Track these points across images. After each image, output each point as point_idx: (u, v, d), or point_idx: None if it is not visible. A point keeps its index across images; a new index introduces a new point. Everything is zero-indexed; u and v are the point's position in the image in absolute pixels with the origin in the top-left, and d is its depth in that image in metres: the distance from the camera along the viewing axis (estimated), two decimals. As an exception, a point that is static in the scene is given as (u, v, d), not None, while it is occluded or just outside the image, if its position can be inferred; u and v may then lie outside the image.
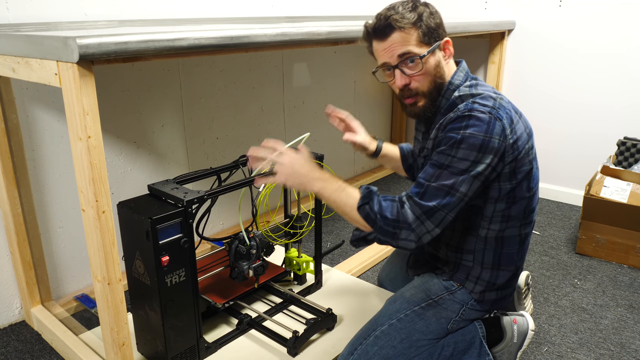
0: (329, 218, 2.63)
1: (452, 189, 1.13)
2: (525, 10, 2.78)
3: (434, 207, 1.14)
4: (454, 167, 1.13)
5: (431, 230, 1.16)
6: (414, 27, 1.19)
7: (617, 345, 1.63)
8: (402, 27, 1.18)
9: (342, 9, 2.82)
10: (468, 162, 1.13)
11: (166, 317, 1.32)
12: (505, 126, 1.14)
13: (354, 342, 1.35)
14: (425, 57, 1.20)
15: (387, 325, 1.33)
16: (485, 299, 1.36)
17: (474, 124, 1.12)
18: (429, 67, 1.22)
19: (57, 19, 1.66)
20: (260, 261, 1.57)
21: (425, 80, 1.23)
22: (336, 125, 1.58)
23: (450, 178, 1.13)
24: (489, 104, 1.16)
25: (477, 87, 1.24)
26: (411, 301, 1.37)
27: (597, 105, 2.64)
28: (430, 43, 1.21)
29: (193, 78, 2.10)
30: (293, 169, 1.22)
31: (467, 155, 1.13)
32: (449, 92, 1.25)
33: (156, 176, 2.05)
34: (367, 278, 2.04)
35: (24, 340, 1.66)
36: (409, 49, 1.20)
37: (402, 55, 1.21)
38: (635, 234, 2.09)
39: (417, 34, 1.19)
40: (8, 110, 1.53)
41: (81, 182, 1.12)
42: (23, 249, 1.63)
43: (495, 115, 1.14)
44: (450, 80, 1.25)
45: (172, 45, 1.15)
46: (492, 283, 1.34)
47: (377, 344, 1.31)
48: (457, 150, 1.13)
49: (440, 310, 1.35)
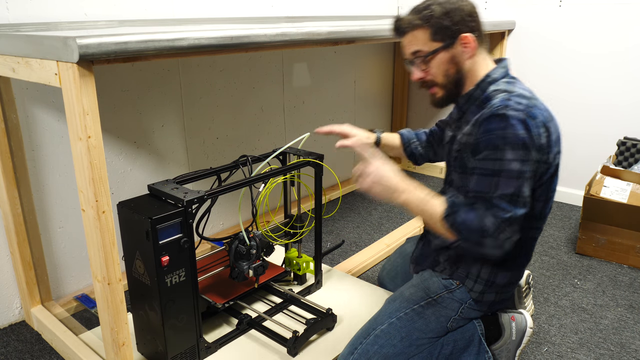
0: (329, 218, 2.63)
1: (518, 196, 1.15)
2: (525, 10, 2.78)
3: (510, 218, 1.14)
4: (508, 171, 1.14)
5: (511, 237, 1.16)
6: (423, 27, 1.26)
7: (617, 345, 1.63)
8: (412, 27, 1.27)
9: (342, 9, 2.82)
10: (518, 162, 1.14)
11: (166, 317, 1.32)
12: (539, 125, 1.17)
13: (353, 341, 1.35)
14: (434, 53, 1.26)
15: (387, 324, 1.34)
16: (484, 300, 1.36)
17: (512, 124, 1.14)
18: (440, 62, 1.27)
19: (57, 19, 1.66)
20: (260, 261, 1.57)
21: (438, 74, 1.29)
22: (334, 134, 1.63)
23: (509, 183, 1.14)
24: (524, 102, 1.18)
25: (514, 84, 1.26)
26: (410, 300, 1.38)
27: (597, 105, 2.64)
28: (443, 39, 1.26)
29: (193, 78, 2.10)
30: (379, 178, 1.24)
31: (516, 156, 1.14)
32: (485, 84, 1.28)
33: (156, 176, 2.05)
34: (367, 278, 2.04)
35: (24, 340, 1.66)
36: (418, 47, 1.28)
37: (413, 53, 1.29)
38: (635, 234, 2.09)
39: (428, 33, 1.26)
40: (8, 110, 1.53)
41: (81, 182, 1.12)
42: (23, 249, 1.63)
43: (529, 113, 1.16)
44: (488, 74, 1.29)
45: (172, 45, 1.15)
46: (491, 282, 1.34)
47: (377, 343, 1.31)
48: (503, 152, 1.14)
49: (440, 309, 1.35)
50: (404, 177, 1.26)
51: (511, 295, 1.41)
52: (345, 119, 3.01)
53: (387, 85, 3.31)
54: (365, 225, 2.56)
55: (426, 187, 1.27)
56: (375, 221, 2.60)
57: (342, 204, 2.83)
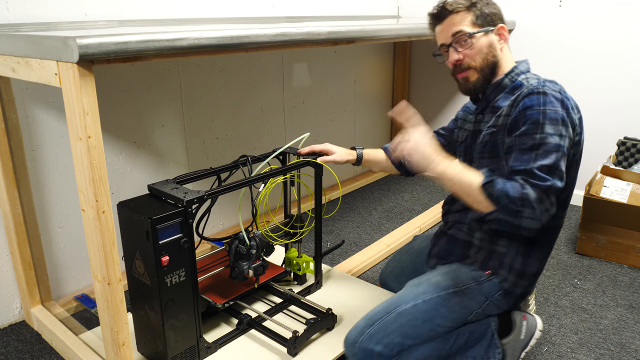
0: (329, 218, 2.63)
1: (556, 169, 1.16)
2: (525, 10, 2.78)
3: (550, 187, 1.15)
4: (548, 144, 1.17)
5: (549, 209, 1.17)
6: (468, 10, 1.33)
7: (617, 345, 1.63)
8: (456, 9, 1.33)
9: (342, 9, 2.82)
10: (557, 137, 1.18)
11: (166, 317, 1.32)
12: (573, 106, 1.24)
13: (372, 316, 1.35)
14: (477, 35, 1.32)
15: (411, 305, 1.35)
16: (514, 292, 1.39)
17: (551, 101, 1.19)
18: (480, 45, 1.32)
19: (57, 19, 1.66)
20: (260, 261, 1.57)
21: (478, 57, 1.33)
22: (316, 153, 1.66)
23: (548, 156, 1.16)
24: (557, 87, 1.25)
25: (539, 77, 1.33)
26: (438, 286, 1.39)
27: (597, 105, 2.64)
28: (483, 25, 1.33)
29: (193, 78, 2.10)
30: (418, 145, 1.24)
31: (555, 130, 1.18)
32: (514, 75, 1.35)
33: (156, 176, 2.05)
34: (367, 278, 2.04)
35: (24, 340, 1.66)
36: (462, 27, 1.32)
37: (455, 34, 1.33)
38: (635, 234, 2.09)
39: (471, 16, 1.32)
40: (8, 110, 1.53)
41: (81, 182, 1.12)
42: (23, 249, 1.63)
43: (564, 95, 1.23)
44: (516, 66, 1.36)
45: (172, 45, 1.15)
46: (522, 272, 1.37)
47: (398, 321, 1.32)
48: (543, 126, 1.18)
49: (466, 300, 1.37)
50: (442, 151, 1.26)
51: (532, 289, 1.44)
52: (345, 119, 3.01)
53: (387, 85, 3.31)
54: (365, 225, 2.56)
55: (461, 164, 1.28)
56: (375, 221, 2.60)
57: (342, 204, 2.83)
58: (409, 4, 3.17)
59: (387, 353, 1.29)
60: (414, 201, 2.89)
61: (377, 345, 1.29)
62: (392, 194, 3.00)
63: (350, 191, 3.04)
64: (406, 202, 2.87)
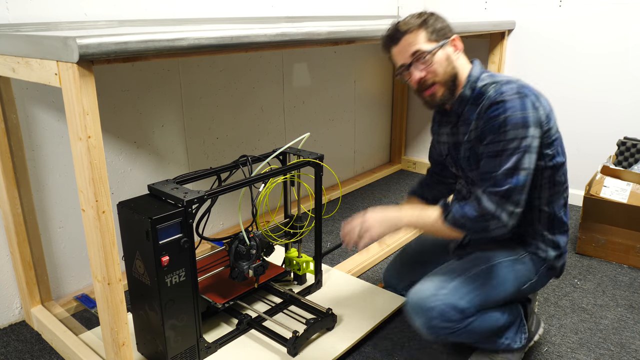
0: (329, 218, 2.63)
1: (517, 169, 1.24)
2: (525, 10, 2.78)
3: (508, 189, 1.24)
4: (508, 149, 1.25)
5: (514, 211, 1.25)
6: (421, 28, 1.35)
7: (617, 345, 1.63)
8: (409, 29, 1.35)
9: (342, 9, 2.82)
10: (517, 140, 1.24)
11: (166, 317, 1.32)
12: (533, 100, 1.28)
13: (448, 272, 1.38)
14: (434, 51, 1.34)
15: (486, 266, 1.40)
16: (557, 265, 1.45)
17: (510, 106, 1.25)
18: (440, 59, 1.35)
19: (57, 19, 1.66)
20: (260, 261, 1.57)
21: (439, 71, 1.36)
22: None
23: (509, 160, 1.24)
24: (514, 86, 1.29)
25: (495, 76, 1.37)
26: (500, 254, 1.43)
27: (597, 105, 2.64)
28: (438, 40, 1.35)
29: (193, 78, 2.10)
30: (378, 219, 1.37)
31: (515, 135, 1.24)
32: (471, 83, 1.38)
33: (156, 176, 2.05)
34: (367, 278, 2.04)
35: (24, 340, 1.66)
36: (419, 46, 1.34)
37: (414, 53, 1.35)
38: (635, 234, 2.09)
39: (425, 33, 1.35)
40: (8, 110, 1.53)
41: (81, 182, 1.12)
42: (23, 249, 1.63)
43: (522, 93, 1.27)
44: (470, 73, 1.39)
45: (172, 45, 1.15)
46: (558, 246, 1.44)
47: (478, 280, 1.36)
48: (504, 134, 1.25)
49: (524, 268, 1.42)
50: (393, 207, 1.39)
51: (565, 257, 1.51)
52: (345, 119, 3.01)
53: (387, 85, 3.31)
54: (365, 225, 2.55)
55: (417, 205, 1.37)
56: (375, 221, 2.60)
57: (342, 204, 2.83)
58: (409, 4, 3.17)
59: (469, 311, 1.33)
60: (414, 201, 2.88)
61: (461, 300, 1.32)
62: (392, 194, 3.00)
63: (350, 191, 3.04)
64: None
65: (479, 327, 1.35)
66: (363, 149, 3.23)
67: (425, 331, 1.34)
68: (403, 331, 1.68)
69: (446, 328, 1.31)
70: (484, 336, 1.39)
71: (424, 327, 1.33)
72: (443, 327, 1.31)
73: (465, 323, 1.32)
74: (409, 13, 1.43)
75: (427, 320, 1.32)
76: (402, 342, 1.63)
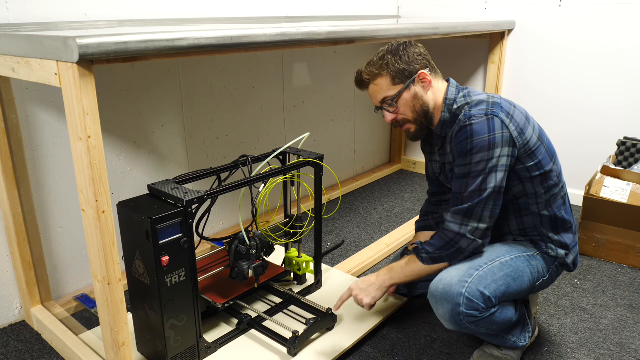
0: (329, 218, 2.63)
1: (481, 190, 1.31)
2: (525, 10, 2.78)
3: (470, 206, 1.32)
4: (474, 172, 1.31)
5: (477, 227, 1.33)
6: (383, 74, 1.41)
7: (617, 345, 1.63)
8: (372, 78, 1.43)
9: (342, 9, 2.82)
10: (484, 162, 1.30)
11: (166, 317, 1.32)
12: (503, 119, 1.31)
13: (474, 262, 1.37)
14: (399, 95, 1.41)
15: (509, 258, 1.41)
16: (568, 262, 1.47)
17: (477, 130, 1.30)
18: (406, 100, 1.42)
19: (57, 19, 1.66)
20: (260, 261, 1.57)
21: (408, 111, 1.43)
22: None
23: (475, 181, 1.31)
24: (483, 107, 1.33)
25: (470, 95, 1.41)
26: (517, 248, 1.45)
27: (597, 105, 2.64)
28: (403, 81, 1.41)
29: (193, 78, 2.10)
30: (364, 287, 1.48)
31: (481, 157, 1.30)
32: (448, 106, 1.43)
33: (156, 176, 2.05)
34: (367, 278, 2.04)
35: (24, 340, 1.66)
36: (384, 95, 1.43)
37: (381, 100, 1.44)
38: (635, 234, 2.09)
39: (388, 78, 1.41)
40: (8, 110, 1.53)
41: (81, 182, 1.12)
42: (23, 249, 1.63)
43: (491, 114, 1.31)
44: (446, 97, 1.43)
45: (172, 45, 1.15)
46: (565, 245, 1.46)
47: (503, 271, 1.37)
48: (471, 157, 1.31)
49: (539, 265, 1.44)
50: (375, 274, 1.50)
51: (577, 250, 1.53)
52: (345, 119, 3.01)
53: (387, 85, 3.31)
54: (365, 225, 2.56)
55: (395, 261, 1.50)
56: (375, 221, 2.61)
57: (342, 204, 2.83)
58: (409, 4, 3.17)
59: (493, 300, 1.33)
60: (414, 201, 2.89)
61: (486, 289, 1.32)
62: (392, 194, 3.00)
63: (350, 191, 3.04)
64: (406, 202, 2.87)
65: (499, 318, 1.36)
66: (363, 149, 3.23)
67: (450, 319, 1.34)
68: (403, 331, 1.68)
69: (471, 316, 1.31)
70: (500, 330, 1.40)
71: (449, 315, 1.33)
72: (468, 314, 1.31)
73: (489, 313, 1.33)
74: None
75: (454, 307, 1.31)
76: (402, 342, 1.63)
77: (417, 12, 3.14)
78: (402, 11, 3.20)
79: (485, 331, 1.37)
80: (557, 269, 1.49)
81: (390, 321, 1.73)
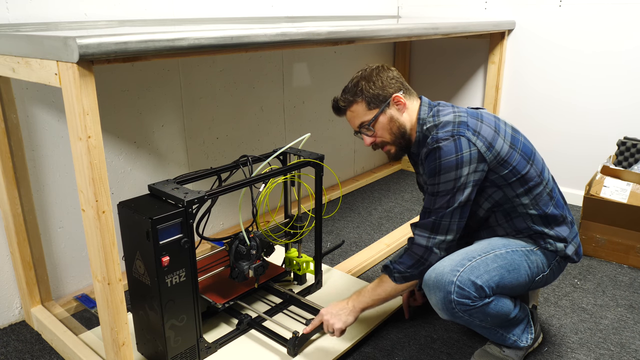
0: (329, 218, 2.63)
1: (449, 205, 1.35)
2: (525, 10, 2.78)
3: (434, 221, 1.37)
4: (443, 191, 1.35)
5: (444, 239, 1.37)
6: (357, 100, 1.46)
7: (617, 345, 1.63)
8: (347, 105, 1.48)
9: (342, 9, 2.82)
10: (452, 182, 1.34)
11: (166, 317, 1.32)
12: (469, 137, 1.34)
13: (468, 252, 1.39)
14: (376, 119, 1.45)
15: (504, 251, 1.42)
16: (569, 254, 1.47)
17: (444, 152, 1.33)
18: (383, 124, 1.46)
19: (57, 19, 1.66)
20: (260, 261, 1.57)
21: (386, 134, 1.47)
22: None
23: (444, 199, 1.35)
24: (449, 128, 1.37)
25: (438, 115, 1.44)
26: (515, 243, 1.46)
27: (597, 105, 2.64)
28: (378, 106, 1.45)
29: (193, 78, 2.10)
30: (334, 312, 1.47)
31: (448, 177, 1.34)
32: (420, 126, 1.47)
33: (156, 176, 2.05)
34: (367, 278, 2.04)
35: (24, 340, 1.66)
36: (360, 120, 1.47)
37: (359, 125, 1.48)
38: (635, 234, 2.09)
39: (363, 105, 1.45)
40: (8, 110, 1.53)
41: (81, 182, 1.12)
42: (23, 249, 1.63)
43: (457, 135, 1.34)
44: (419, 117, 1.47)
45: (172, 45, 1.15)
46: (562, 238, 1.46)
47: (496, 262, 1.38)
48: (439, 177, 1.35)
49: (538, 260, 1.44)
50: (346, 299, 1.49)
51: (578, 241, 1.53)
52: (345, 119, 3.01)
53: (387, 85, 3.31)
54: (365, 225, 2.56)
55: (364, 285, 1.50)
56: (375, 221, 2.61)
57: (342, 204, 2.83)
58: (409, 4, 3.17)
59: (486, 290, 1.34)
60: (414, 201, 2.89)
61: (478, 279, 1.34)
62: (392, 194, 3.00)
63: (350, 191, 3.04)
64: (406, 202, 2.87)
65: (493, 310, 1.37)
66: (363, 149, 3.23)
67: (442, 307, 1.35)
68: (403, 331, 1.68)
69: (463, 304, 1.33)
70: (495, 323, 1.41)
71: (442, 303, 1.34)
72: (460, 302, 1.32)
73: (482, 303, 1.34)
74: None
75: (445, 294, 1.33)
76: (402, 342, 1.63)
77: (417, 12, 3.14)
78: (402, 11, 3.20)
79: (479, 322, 1.38)
80: (559, 264, 1.49)
81: (390, 321, 1.73)
